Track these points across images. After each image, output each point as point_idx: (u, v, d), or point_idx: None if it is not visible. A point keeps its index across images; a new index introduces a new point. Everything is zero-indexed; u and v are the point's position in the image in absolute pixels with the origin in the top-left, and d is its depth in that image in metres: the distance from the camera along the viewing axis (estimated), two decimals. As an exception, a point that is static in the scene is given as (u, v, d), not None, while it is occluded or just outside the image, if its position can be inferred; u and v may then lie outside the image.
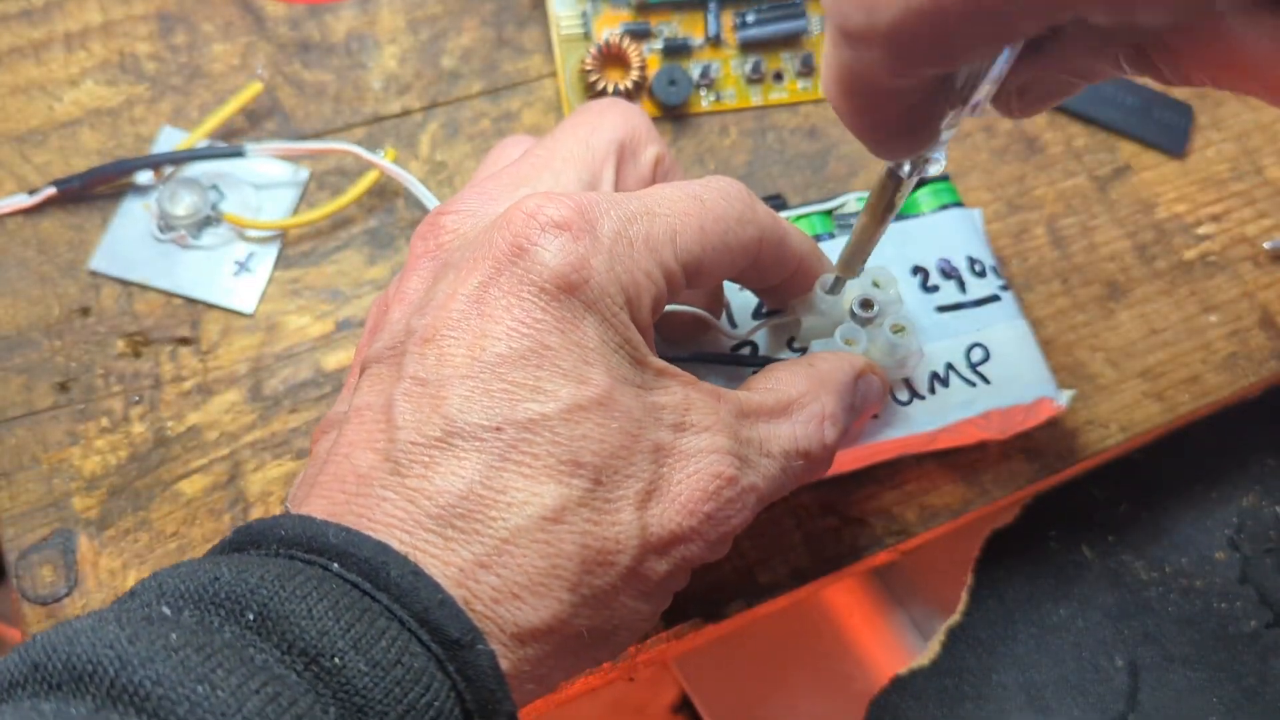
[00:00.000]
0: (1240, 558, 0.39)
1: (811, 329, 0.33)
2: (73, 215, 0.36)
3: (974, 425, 0.34)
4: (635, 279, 0.25)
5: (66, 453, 0.33)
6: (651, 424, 0.25)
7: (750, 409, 0.27)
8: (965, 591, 0.38)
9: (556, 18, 0.39)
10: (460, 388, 0.24)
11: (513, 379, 0.24)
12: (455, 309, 0.24)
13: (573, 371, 0.24)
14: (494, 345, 0.24)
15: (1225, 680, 0.37)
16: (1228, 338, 0.38)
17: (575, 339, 0.24)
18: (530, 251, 0.24)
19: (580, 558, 0.23)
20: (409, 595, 0.21)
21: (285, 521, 0.22)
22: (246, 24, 0.39)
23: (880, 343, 0.31)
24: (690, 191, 0.27)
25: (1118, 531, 0.39)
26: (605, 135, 0.29)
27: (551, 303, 0.24)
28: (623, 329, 0.25)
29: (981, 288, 0.35)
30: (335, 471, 0.24)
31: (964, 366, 0.34)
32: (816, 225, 0.36)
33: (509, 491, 0.23)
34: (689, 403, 0.26)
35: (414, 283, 0.27)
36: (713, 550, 0.26)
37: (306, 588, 0.21)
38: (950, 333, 0.34)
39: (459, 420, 0.23)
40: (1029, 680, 0.37)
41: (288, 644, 0.20)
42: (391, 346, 0.25)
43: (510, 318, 0.24)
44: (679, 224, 0.26)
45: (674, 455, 0.25)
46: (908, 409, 0.33)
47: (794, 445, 0.27)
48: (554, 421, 0.23)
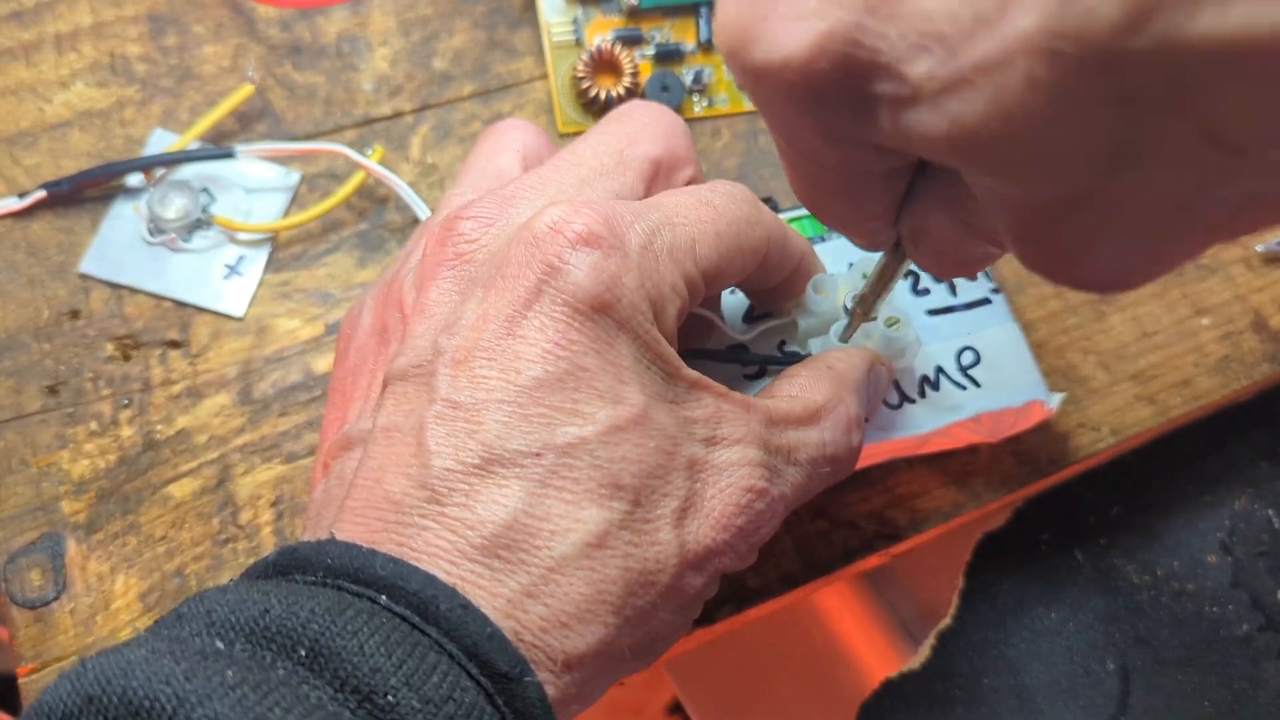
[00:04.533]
0: (1232, 561, 0.39)
1: (807, 329, 0.33)
2: (62, 218, 0.36)
3: (965, 428, 0.34)
4: (662, 293, 0.25)
5: (55, 456, 0.33)
6: (686, 439, 0.25)
7: (779, 417, 0.27)
8: (956, 595, 0.38)
9: (548, 25, 0.39)
10: (497, 413, 0.23)
11: (550, 403, 0.23)
12: (488, 330, 0.24)
13: (609, 392, 0.24)
14: (529, 369, 0.23)
15: (1217, 684, 0.37)
16: (1220, 340, 0.38)
17: (610, 358, 0.24)
18: (562, 271, 0.24)
19: (624, 581, 0.23)
20: (459, 629, 0.21)
21: (331, 550, 0.22)
22: (237, 26, 0.39)
23: (876, 337, 0.31)
24: (702, 198, 0.27)
25: (1109, 535, 0.39)
26: (643, 149, 0.28)
27: (586, 323, 0.24)
28: (654, 344, 0.25)
29: (972, 291, 0.35)
30: (366, 497, 0.23)
31: (954, 370, 0.34)
32: (808, 228, 0.36)
33: (552, 519, 0.23)
34: (720, 415, 0.25)
35: (435, 295, 0.26)
36: (743, 560, 0.26)
37: (357, 622, 0.20)
38: (941, 336, 0.34)
39: (498, 447, 0.23)
40: (1020, 684, 0.37)
41: (340, 681, 0.20)
42: (418, 365, 0.25)
43: (545, 340, 0.24)
44: (697, 232, 0.26)
45: (707, 470, 0.25)
46: (898, 412, 0.33)
47: (822, 452, 0.27)
48: (593, 444, 0.23)
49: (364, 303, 0.30)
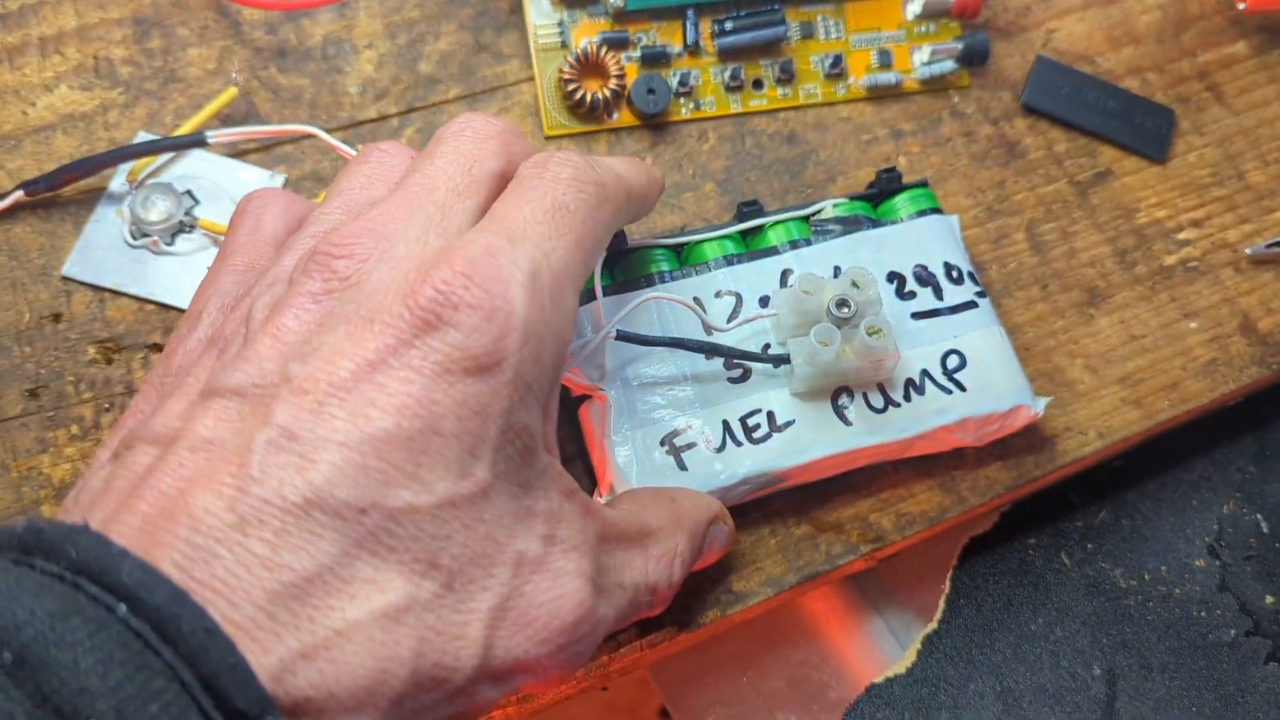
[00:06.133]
0: (1220, 565, 0.39)
1: (790, 327, 0.33)
2: (45, 221, 0.36)
3: (949, 432, 0.33)
4: (545, 345, 0.24)
5: (36, 460, 0.33)
6: (522, 531, 0.23)
7: (613, 533, 0.26)
8: (942, 599, 0.38)
9: (534, 27, 0.39)
10: (334, 455, 0.21)
11: (392, 460, 0.22)
12: (345, 367, 0.22)
13: (456, 463, 0.22)
14: (381, 419, 0.22)
15: (1204, 689, 0.37)
16: (1208, 344, 0.38)
17: (469, 427, 0.22)
18: (439, 330, 0.22)
19: (413, 667, 0.21)
20: (198, 654, 0.19)
21: (80, 540, 0.20)
22: (222, 28, 0.39)
23: (855, 344, 0.31)
24: (554, 201, 0.26)
25: (1096, 539, 0.39)
26: (489, 165, 0.27)
27: (455, 386, 0.22)
28: (524, 414, 0.23)
29: (958, 294, 0.35)
30: (162, 504, 0.21)
31: (940, 373, 0.34)
32: (793, 231, 0.36)
33: (355, 582, 0.21)
34: (563, 514, 0.24)
35: (292, 321, 0.24)
36: (548, 684, 0.24)
37: (80, 633, 0.18)
38: (926, 339, 0.34)
39: (325, 491, 0.21)
40: (1006, 688, 0.36)
41: (42, 697, 0.18)
42: (259, 385, 0.23)
43: (405, 394, 0.22)
44: (566, 252, 0.25)
45: (539, 572, 0.23)
46: (883, 416, 0.33)
47: (645, 579, 0.26)
48: (423, 516, 0.22)
49: (206, 306, 0.28)
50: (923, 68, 0.41)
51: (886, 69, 0.40)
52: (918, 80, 0.41)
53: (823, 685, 0.37)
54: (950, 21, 0.41)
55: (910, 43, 0.41)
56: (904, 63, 0.41)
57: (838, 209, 0.36)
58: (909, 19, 0.41)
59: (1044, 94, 0.41)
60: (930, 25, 0.41)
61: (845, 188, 0.39)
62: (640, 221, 0.38)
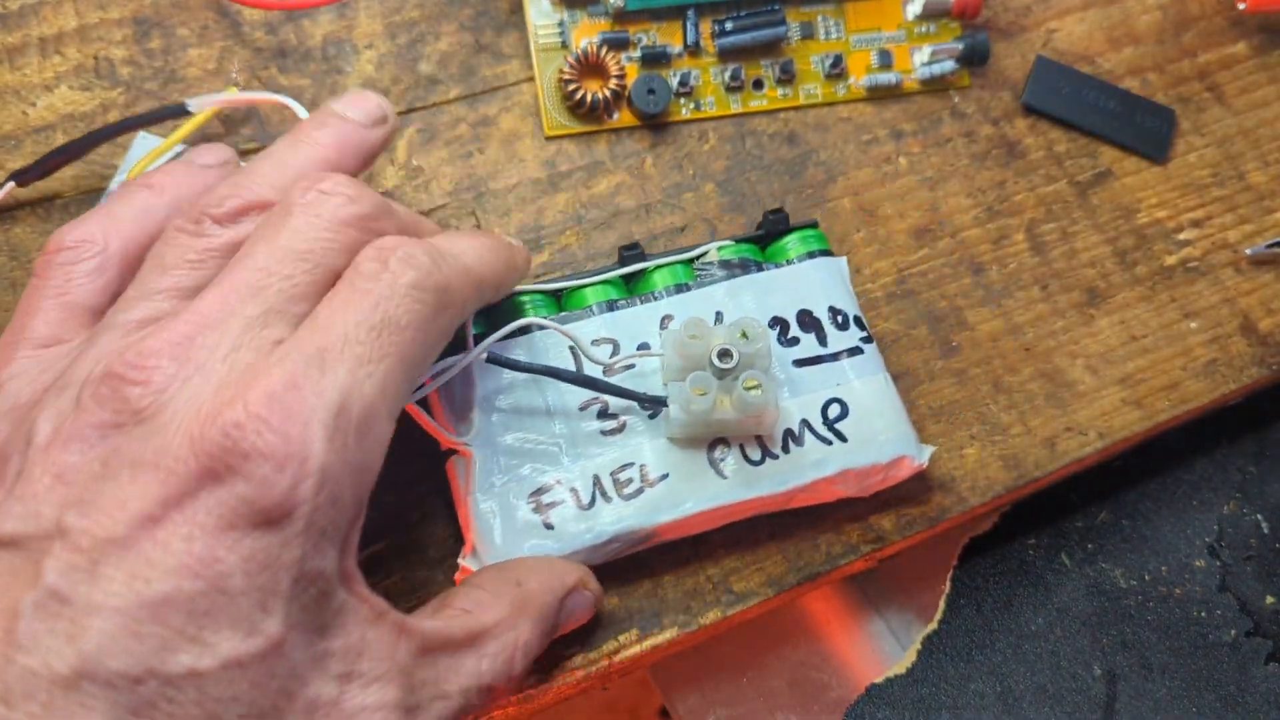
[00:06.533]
0: (1220, 565, 0.39)
1: (674, 369, 0.32)
2: (45, 221, 0.36)
3: (831, 484, 0.33)
4: (344, 486, 0.22)
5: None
6: (316, 676, 0.22)
7: (436, 643, 0.25)
8: (942, 600, 0.38)
9: (534, 27, 0.39)
10: (108, 622, 0.20)
11: (171, 624, 0.20)
12: (124, 522, 0.21)
13: (244, 620, 0.21)
14: (159, 582, 0.20)
15: (1204, 689, 0.37)
16: (1208, 344, 0.38)
17: (259, 582, 0.21)
18: (225, 482, 0.21)
19: None
20: None
21: None
22: (222, 29, 0.39)
23: (734, 395, 0.31)
24: (381, 319, 0.24)
25: (1096, 539, 0.39)
26: (333, 261, 0.25)
27: (243, 540, 0.21)
28: (318, 560, 0.22)
29: (842, 340, 0.34)
30: None
31: (820, 423, 0.33)
32: (680, 274, 0.35)
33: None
34: (364, 646, 0.23)
35: (75, 458, 0.22)
36: None
37: None
38: (807, 387, 0.33)
39: (95, 661, 0.20)
40: (1006, 689, 0.36)
41: None
42: (35, 535, 0.21)
43: (187, 553, 0.21)
44: (385, 378, 0.23)
45: (332, 714, 0.22)
46: (760, 469, 0.32)
47: (477, 681, 0.26)
48: (206, 679, 0.21)
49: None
50: (923, 68, 0.41)
51: (887, 69, 0.40)
52: (918, 80, 0.41)
53: (823, 685, 0.37)
54: (950, 22, 0.41)
55: (910, 43, 0.41)
56: (904, 63, 0.41)
57: (723, 252, 0.35)
58: (909, 19, 0.41)
59: (1044, 94, 0.41)
60: (930, 25, 0.41)
61: (844, 188, 0.39)
62: (642, 221, 0.38)
